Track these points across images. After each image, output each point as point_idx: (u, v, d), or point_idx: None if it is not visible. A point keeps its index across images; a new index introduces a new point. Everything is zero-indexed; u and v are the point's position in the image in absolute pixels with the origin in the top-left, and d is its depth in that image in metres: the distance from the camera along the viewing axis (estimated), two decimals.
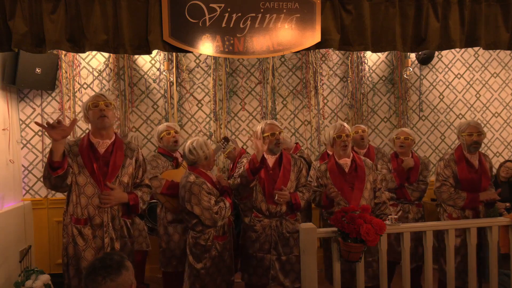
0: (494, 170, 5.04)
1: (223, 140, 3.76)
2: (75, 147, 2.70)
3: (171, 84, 4.56)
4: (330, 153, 4.01)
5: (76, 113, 4.38)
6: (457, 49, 4.92)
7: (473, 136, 3.35)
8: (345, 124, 3.33)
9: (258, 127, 3.24)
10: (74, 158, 2.67)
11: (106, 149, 2.70)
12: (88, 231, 2.65)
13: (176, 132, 3.70)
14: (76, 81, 4.43)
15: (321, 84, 4.80)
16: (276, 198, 3.16)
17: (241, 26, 3.12)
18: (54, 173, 2.50)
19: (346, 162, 3.28)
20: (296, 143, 4.30)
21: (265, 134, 3.16)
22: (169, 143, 3.66)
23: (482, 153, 3.52)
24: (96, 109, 2.67)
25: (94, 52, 4.42)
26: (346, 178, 3.24)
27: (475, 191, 3.38)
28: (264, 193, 3.20)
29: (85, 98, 4.40)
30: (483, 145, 5.07)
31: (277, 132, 3.17)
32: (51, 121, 2.40)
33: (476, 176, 3.39)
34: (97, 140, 2.71)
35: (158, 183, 3.40)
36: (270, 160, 3.26)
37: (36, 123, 2.56)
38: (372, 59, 4.88)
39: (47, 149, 4.34)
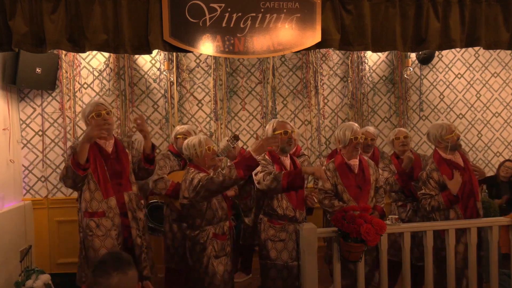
0: (488, 168, 5.05)
1: (232, 138, 3.67)
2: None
3: (171, 84, 4.56)
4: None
5: (77, 113, 4.37)
6: (458, 49, 4.91)
7: (453, 134, 3.22)
8: (356, 125, 3.26)
9: (269, 126, 3.14)
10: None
11: (112, 149, 2.94)
12: (106, 222, 2.80)
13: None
14: (77, 81, 4.42)
15: (321, 84, 4.79)
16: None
17: (242, 26, 3.12)
18: (83, 172, 2.70)
19: (355, 163, 3.23)
20: (297, 145, 4.24)
21: (277, 132, 3.04)
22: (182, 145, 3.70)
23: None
24: (100, 118, 2.86)
25: (94, 52, 4.41)
26: (355, 178, 3.21)
27: (470, 192, 3.19)
28: (291, 198, 3.02)
29: (85, 98, 4.41)
30: (483, 145, 5.08)
31: (290, 131, 3.07)
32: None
33: (466, 175, 3.20)
34: (103, 141, 2.92)
35: (163, 185, 3.43)
36: (286, 161, 3.12)
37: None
38: (373, 59, 4.87)
39: (47, 149, 4.35)
